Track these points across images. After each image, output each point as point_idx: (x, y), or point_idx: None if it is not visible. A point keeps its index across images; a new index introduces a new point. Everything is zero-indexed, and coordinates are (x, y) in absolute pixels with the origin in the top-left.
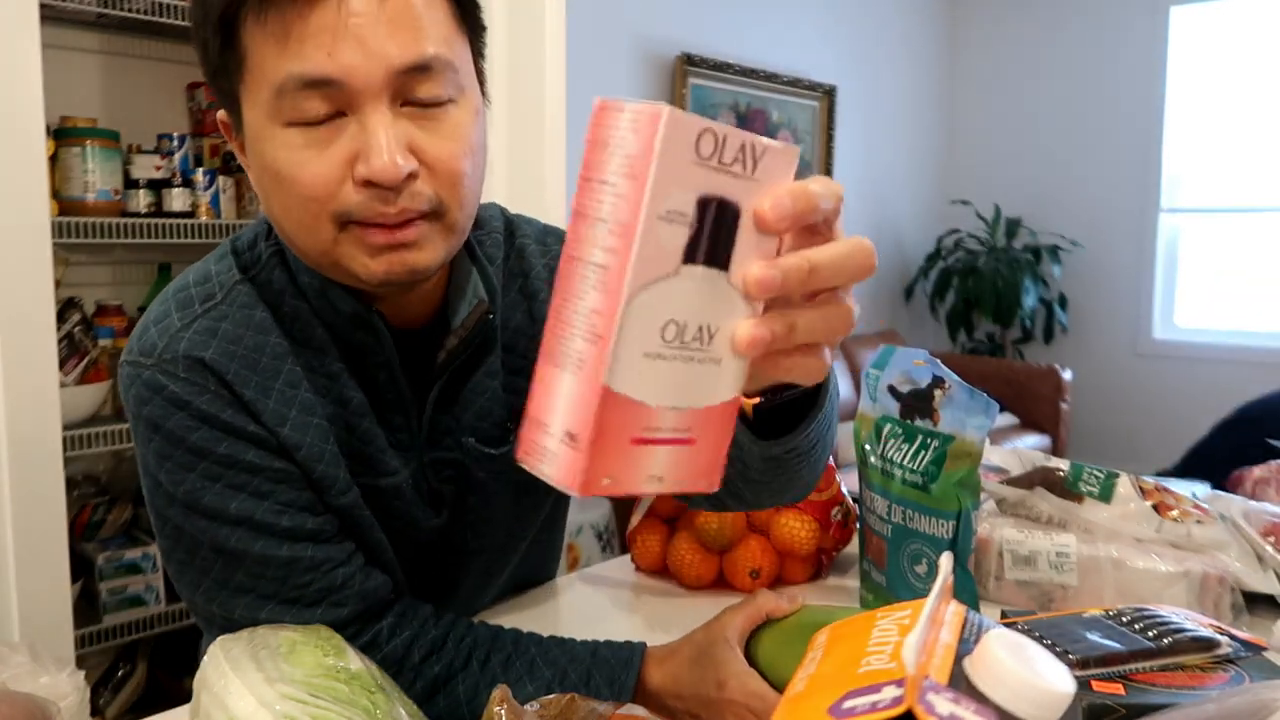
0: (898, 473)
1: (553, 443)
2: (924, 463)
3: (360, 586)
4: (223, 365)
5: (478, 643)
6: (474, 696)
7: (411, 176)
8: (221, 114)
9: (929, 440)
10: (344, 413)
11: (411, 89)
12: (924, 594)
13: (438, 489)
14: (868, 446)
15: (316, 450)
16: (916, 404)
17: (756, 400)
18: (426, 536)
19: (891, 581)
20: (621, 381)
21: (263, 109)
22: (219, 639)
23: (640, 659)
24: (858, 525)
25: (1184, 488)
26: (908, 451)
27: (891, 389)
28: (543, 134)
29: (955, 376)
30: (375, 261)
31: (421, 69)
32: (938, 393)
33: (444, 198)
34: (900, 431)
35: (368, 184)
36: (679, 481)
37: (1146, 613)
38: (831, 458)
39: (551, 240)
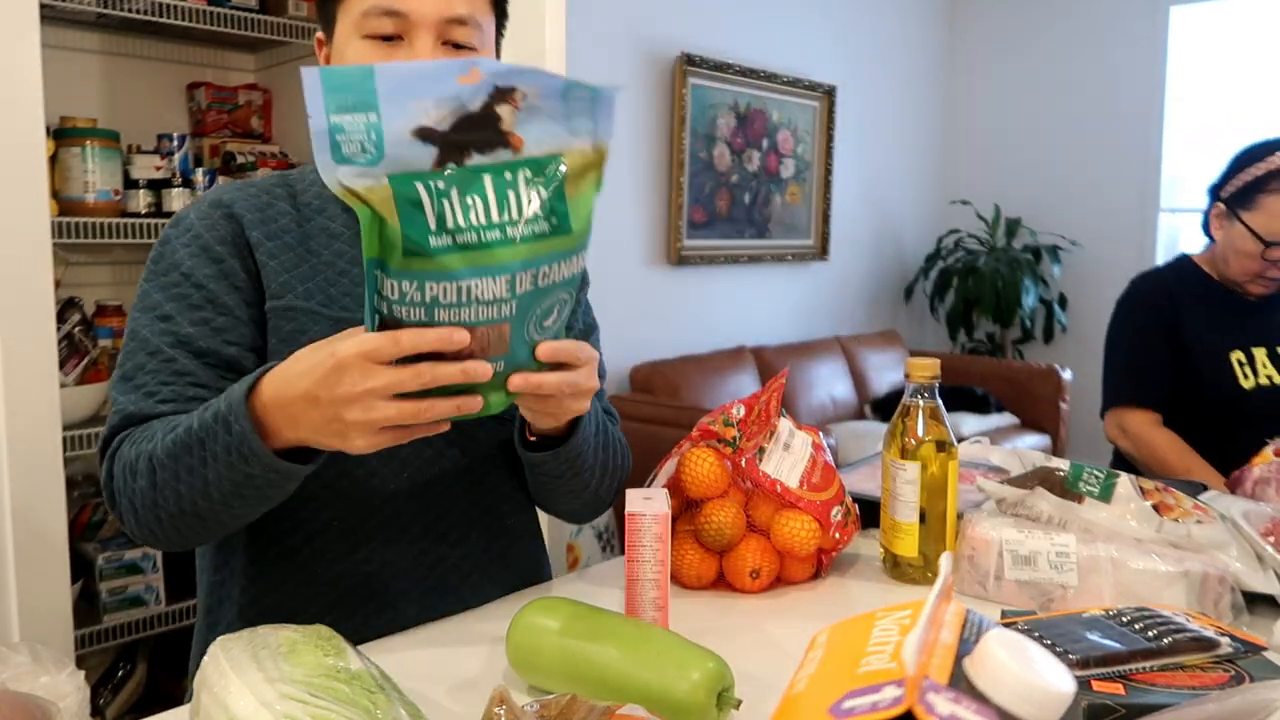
0: (509, 231)
1: None
2: (540, 205)
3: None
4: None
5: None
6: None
7: None
8: (319, 34)
9: (521, 171)
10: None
11: (451, 34)
12: (552, 338)
13: None
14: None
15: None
16: (473, 137)
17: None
18: None
19: (514, 356)
20: None
21: (350, 24)
22: (219, 639)
23: (252, 380)
24: (841, 513)
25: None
26: (495, 203)
27: (422, 133)
28: None
29: (546, 77)
30: None
31: (459, 21)
32: (503, 109)
33: None
34: (467, 182)
35: None
36: None
37: (1146, 613)
38: (831, 458)
39: None
